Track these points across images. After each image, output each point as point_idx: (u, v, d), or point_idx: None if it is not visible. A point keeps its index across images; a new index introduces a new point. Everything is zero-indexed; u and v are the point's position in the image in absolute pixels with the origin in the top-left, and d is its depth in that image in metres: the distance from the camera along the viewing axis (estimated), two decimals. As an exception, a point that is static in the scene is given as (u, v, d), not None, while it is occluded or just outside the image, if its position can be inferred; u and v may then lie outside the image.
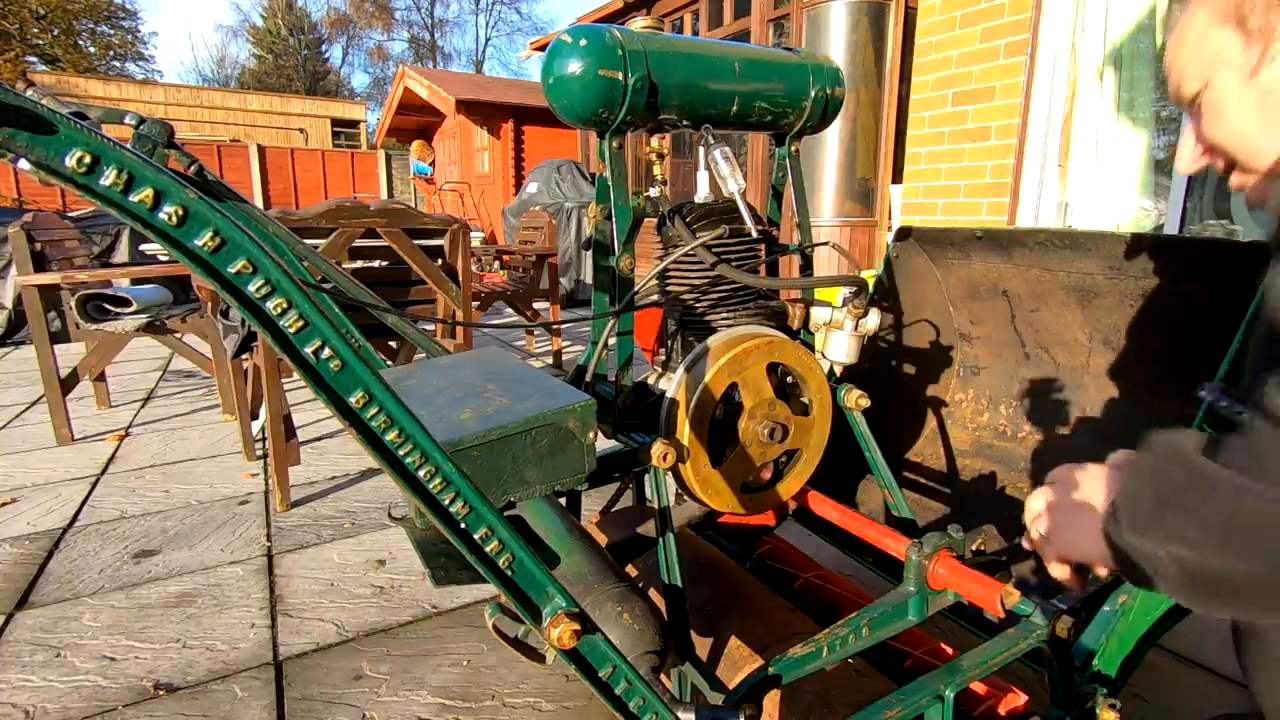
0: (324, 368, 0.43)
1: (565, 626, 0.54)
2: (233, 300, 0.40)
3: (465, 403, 0.84)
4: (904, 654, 1.13)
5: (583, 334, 5.26)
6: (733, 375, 1.00)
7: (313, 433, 3.09)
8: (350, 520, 2.26)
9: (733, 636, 1.06)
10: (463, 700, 1.45)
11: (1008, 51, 3.27)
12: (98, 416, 3.39)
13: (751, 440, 1.04)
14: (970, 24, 3.41)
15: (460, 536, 0.51)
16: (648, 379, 1.10)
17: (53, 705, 1.43)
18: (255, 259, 0.40)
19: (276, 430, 2.25)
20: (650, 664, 0.81)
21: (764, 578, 1.30)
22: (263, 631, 1.68)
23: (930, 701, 0.85)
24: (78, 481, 2.60)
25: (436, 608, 1.77)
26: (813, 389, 1.08)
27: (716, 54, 1.04)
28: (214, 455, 2.87)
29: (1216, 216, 3.00)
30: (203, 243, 0.39)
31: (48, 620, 1.72)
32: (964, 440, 1.52)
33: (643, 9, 7.13)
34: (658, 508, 0.95)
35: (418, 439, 0.47)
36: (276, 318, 0.41)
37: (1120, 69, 3.07)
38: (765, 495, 1.12)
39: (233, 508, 2.37)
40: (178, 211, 0.38)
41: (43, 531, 2.19)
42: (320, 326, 0.42)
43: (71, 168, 0.36)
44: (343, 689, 1.48)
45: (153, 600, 1.81)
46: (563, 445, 0.81)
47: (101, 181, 0.36)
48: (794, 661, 0.83)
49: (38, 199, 10.55)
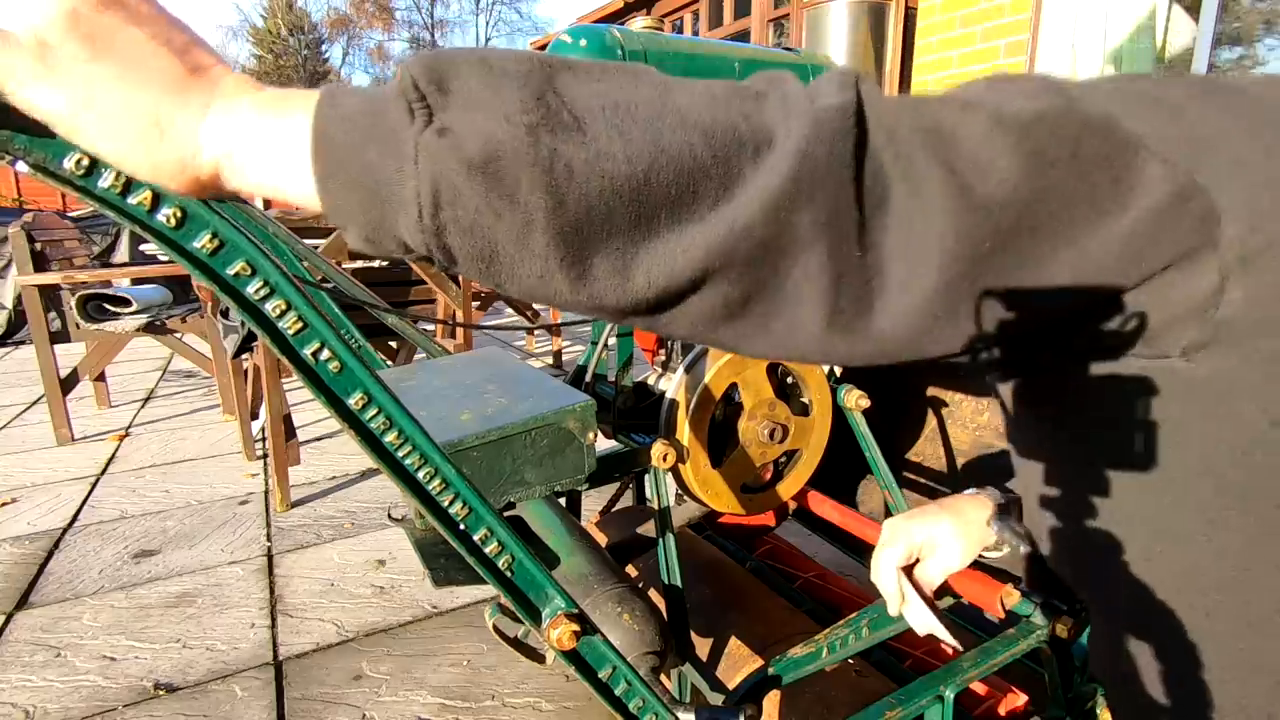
0: (323, 369, 0.43)
1: (565, 627, 0.54)
2: (232, 302, 0.40)
3: (465, 403, 0.84)
4: (904, 654, 1.13)
5: (583, 334, 5.26)
6: (733, 375, 1.00)
7: (313, 433, 3.09)
8: (350, 520, 2.27)
9: (733, 636, 1.06)
10: (463, 700, 1.45)
11: (1008, 51, 3.26)
12: (98, 416, 3.39)
13: (751, 441, 1.04)
14: (970, 24, 3.41)
15: (460, 538, 0.51)
16: (648, 379, 1.10)
17: (53, 705, 1.43)
18: (254, 260, 0.40)
19: (276, 430, 2.25)
20: (650, 664, 0.81)
21: (764, 578, 1.30)
22: (263, 631, 1.68)
23: (930, 702, 0.85)
24: (78, 481, 2.60)
25: (436, 608, 1.77)
26: (813, 389, 1.08)
27: (716, 54, 1.04)
28: (214, 455, 2.87)
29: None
30: (201, 244, 0.39)
31: (48, 620, 1.72)
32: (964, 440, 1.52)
33: (643, 9, 7.13)
34: (658, 508, 0.95)
35: (417, 440, 0.47)
36: (275, 319, 0.41)
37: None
38: (765, 495, 1.12)
39: (233, 508, 2.37)
40: (176, 213, 0.38)
41: (43, 531, 2.19)
42: (319, 328, 0.42)
43: (70, 170, 0.36)
44: (343, 689, 1.48)
45: (153, 600, 1.81)
46: (562, 446, 0.81)
47: (100, 183, 0.36)
48: (794, 661, 0.83)
49: (38, 199, 10.55)
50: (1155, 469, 0.52)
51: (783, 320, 0.42)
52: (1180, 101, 0.45)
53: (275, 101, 0.38)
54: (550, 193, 0.36)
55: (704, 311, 0.41)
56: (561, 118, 0.37)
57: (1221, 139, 0.44)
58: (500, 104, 0.37)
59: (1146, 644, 0.60)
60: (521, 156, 0.36)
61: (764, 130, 0.39)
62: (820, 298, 0.41)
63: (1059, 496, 0.64)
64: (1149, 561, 0.56)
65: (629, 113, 0.38)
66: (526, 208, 0.36)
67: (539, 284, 0.39)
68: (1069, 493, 0.62)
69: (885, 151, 0.40)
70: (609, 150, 0.37)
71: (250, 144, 0.37)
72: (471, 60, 0.38)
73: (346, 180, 0.37)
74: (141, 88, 0.35)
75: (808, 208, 0.39)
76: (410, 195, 0.36)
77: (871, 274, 0.41)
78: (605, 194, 0.37)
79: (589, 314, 0.43)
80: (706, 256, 0.39)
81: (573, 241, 0.37)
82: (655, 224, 0.38)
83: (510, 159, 0.36)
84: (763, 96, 0.41)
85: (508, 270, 0.39)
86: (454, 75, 0.37)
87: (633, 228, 0.38)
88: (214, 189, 0.38)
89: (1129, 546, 0.57)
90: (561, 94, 0.38)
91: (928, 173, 0.40)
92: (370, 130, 0.37)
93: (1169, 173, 0.42)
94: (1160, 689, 0.59)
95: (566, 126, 0.37)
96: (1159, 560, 0.55)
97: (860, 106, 0.40)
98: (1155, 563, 0.56)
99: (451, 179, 0.36)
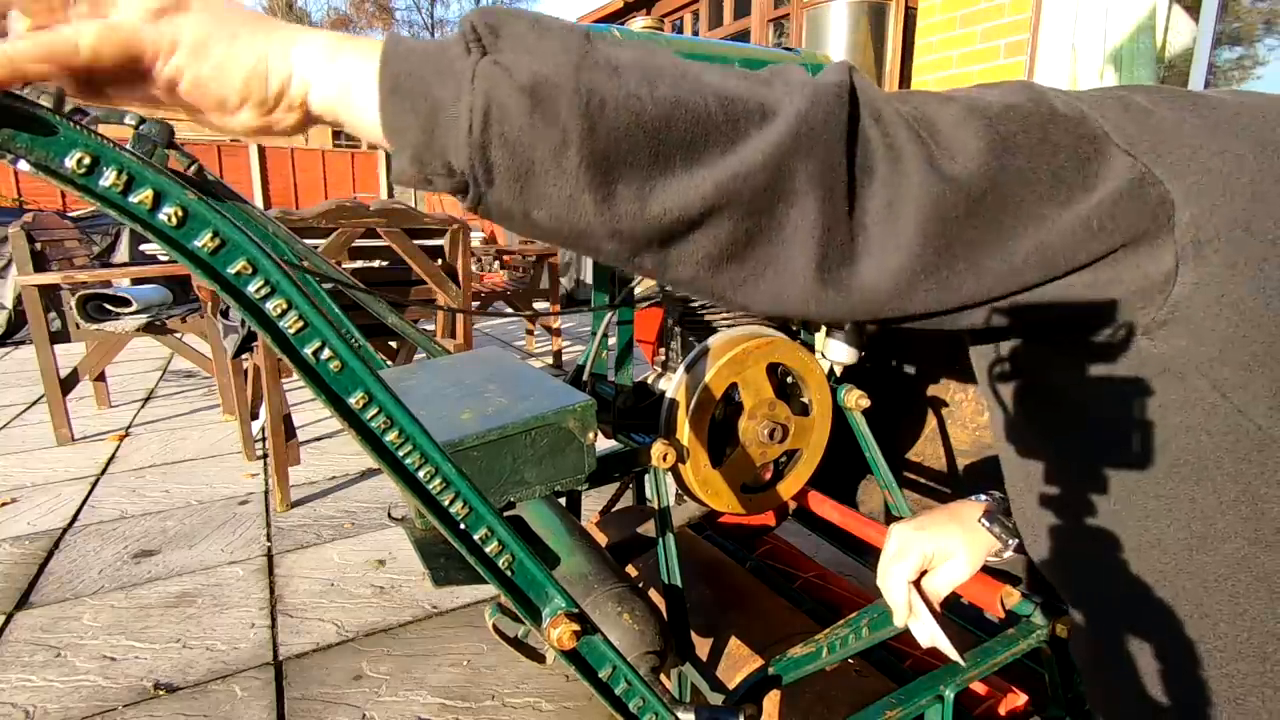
0: (324, 368, 0.43)
1: (565, 627, 0.54)
2: (232, 301, 0.40)
3: (465, 403, 0.84)
4: (904, 654, 1.13)
5: (583, 334, 5.26)
6: (733, 375, 1.00)
7: (313, 433, 3.09)
8: (350, 520, 2.27)
9: (733, 636, 1.06)
10: (463, 700, 1.45)
11: (1008, 51, 3.27)
12: (98, 416, 3.39)
13: (751, 440, 1.04)
14: (970, 24, 3.41)
15: (460, 537, 0.51)
16: (648, 379, 1.10)
17: (53, 705, 1.43)
18: (255, 260, 0.40)
19: (276, 430, 2.25)
20: (650, 664, 0.81)
21: (764, 578, 1.30)
22: (263, 631, 1.68)
23: (930, 701, 0.85)
24: (78, 481, 2.60)
25: (436, 608, 1.77)
26: (813, 389, 1.08)
27: (717, 54, 1.04)
28: (214, 455, 2.87)
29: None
30: (202, 243, 0.39)
31: (48, 620, 1.72)
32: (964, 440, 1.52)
33: (643, 9, 7.13)
34: (658, 508, 0.95)
35: (417, 439, 0.47)
36: (276, 318, 0.41)
37: (1120, 69, 3.07)
38: (765, 495, 1.12)
39: (233, 508, 2.37)
40: (177, 212, 0.38)
41: (43, 531, 2.19)
42: (320, 327, 0.42)
43: (71, 169, 0.36)
44: (343, 689, 1.48)
45: (153, 600, 1.81)
46: (563, 445, 0.81)
47: (101, 182, 0.36)
48: (794, 661, 0.83)
49: (38, 199, 10.54)
50: (1130, 449, 0.55)
51: (776, 267, 0.48)
52: (1147, 105, 0.51)
53: (348, 39, 0.44)
54: (585, 118, 0.41)
55: (708, 249, 0.46)
56: (599, 62, 0.43)
57: (1181, 136, 0.49)
58: (548, 46, 0.42)
59: (1117, 631, 0.61)
60: (563, 85, 0.41)
61: (770, 101, 0.45)
62: (812, 245, 0.46)
63: (1041, 490, 0.65)
64: (1136, 552, 0.57)
65: (656, 70, 0.44)
66: (564, 128, 0.41)
67: (567, 205, 0.43)
68: (1050, 486, 0.64)
69: (873, 128, 0.46)
70: (638, 93, 0.42)
71: (327, 70, 0.43)
72: (523, 15, 0.44)
73: (407, 97, 0.42)
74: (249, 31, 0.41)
75: (805, 162, 0.44)
76: (464, 110, 0.40)
77: (857, 230, 0.47)
78: (631, 128, 0.42)
79: (607, 244, 0.46)
80: (716, 193, 0.44)
81: (601, 164, 0.42)
82: (672, 162, 0.43)
83: (553, 86, 0.41)
84: (769, 80, 0.47)
85: (540, 189, 0.43)
86: (508, 23, 0.43)
87: (652, 162, 0.43)
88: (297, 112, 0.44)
89: (1111, 540, 0.58)
90: (598, 47, 0.44)
91: (907, 148, 0.46)
92: (433, 59, 0.42)
93: (1130, 163, 0.47)
94: (1130, 678, 0.60)
95: (603, 68, 0.42)
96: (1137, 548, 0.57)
97: (853, 88, 0.47)
98: (1135, 551, 0.57)
99: (502, 98, 0.41)
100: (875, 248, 0.47)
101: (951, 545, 0.78)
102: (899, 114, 0.47)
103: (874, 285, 0.48)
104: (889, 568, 0.79)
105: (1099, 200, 0.47)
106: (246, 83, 0.41)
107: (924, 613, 0.76)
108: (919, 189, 0.45)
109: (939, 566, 0.78)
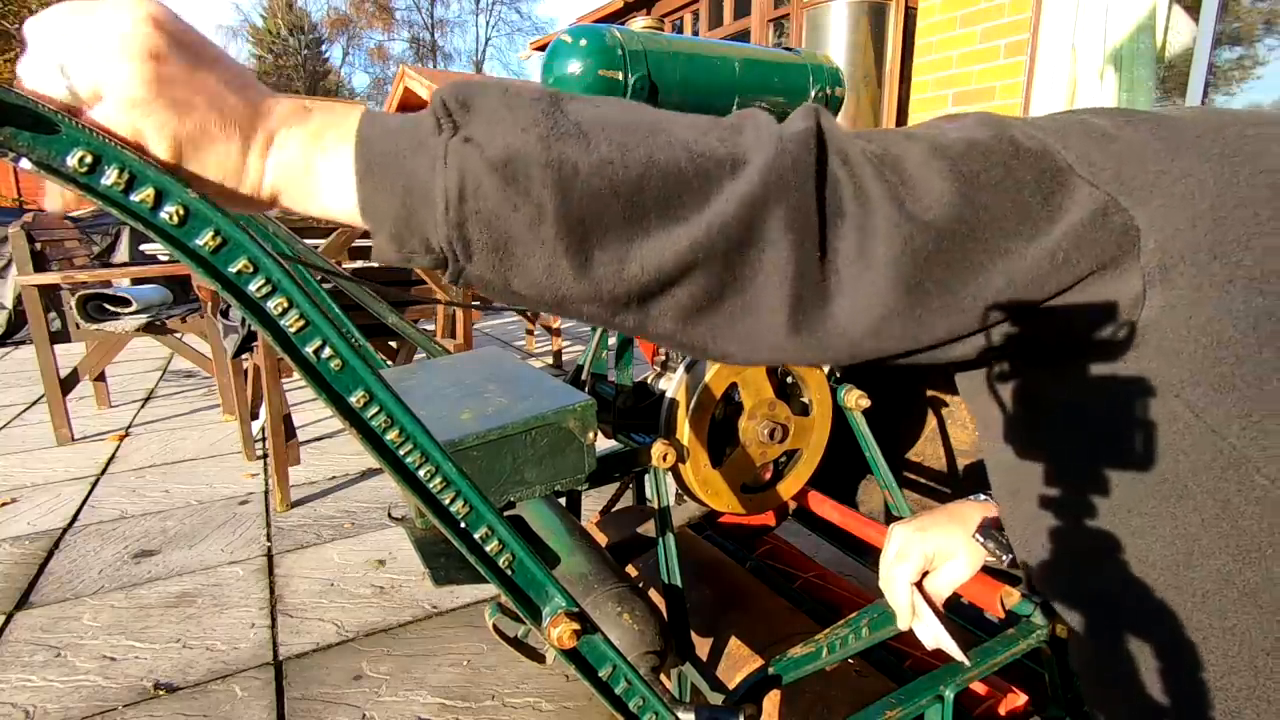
0: (324, 367, 0.43)
1: (565, 626, 0.54)
2: (234, 300, 0.40)
3: (465, 403, 0.84)
4: (904, 654, 1.13)
5: (583, 334, 5.26)
6: (733, 375, 1.00)
7: (313, 433, 3.09)
8: (350, 520, 2.27)
9: (733, 636, 1.06)
10: (463, 700, 1.45)
11: (1008, 51, 3.27)
12: (98, 416, 3.39)
13: (751, 440, 1.04)
14: (970, 24, 3.41)
15: (460, 536, 0.51)
16: (648, 379, 1.10)
17: (53, 705, 1.43)
18: (256, 258, 0.40)
19: (276, 430, 2.25)
20: (650, 664, 0.81)
21: (764, 578, 1.30)
22: (263, 631, 1.68)
23: (930, 702, 0.85)
24: (78, 481, 2.60)
25: (436, 608, 1.77)
26: (813, 389, 1.08)
27: (717, 54, 1.04)
28: (214, 455, 2.87)
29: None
30: (204, 242, 0.39)
31: (48, 620, 1.72)
32: (964, 440, 1.52)
33: (643, 9, 7.13)
34: (658, 508, 0.95)
35: (418, 439, 0.47)
36: (277, 317, 0.41)
37: (1120, 69, 3.07)
38: (765, 495, 1.12)
39: (233, 508, 2.37)
40: (179, 211, 0.38)
41: (43, 531, 2.19)
42: (321, 326, 0.42)
43: (73, 167, 0.36)
44: (343, 689, 1.48)
45: (153, 600, 1.81)
46: (563, 445, 0.81)
47: (103, 181, 0.36)
48: (794, 661, 0.83)
49: (38, 199, 10.54)
50: (1112, 470, 0.56)
51: (752, 315, 0.48)
52: (1110, 129, 0.51)
53: (324, 125, 0.43)
54: (558, 188, 0.41)
55: (685, 303, 0.47)
56: (569, 129, 0.43)
57: (1144, 161, 0.49)
58: (517, 118, 0.42)
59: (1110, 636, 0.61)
60: (534, 158, 0.41)
61: (740, 151, 0.46)
62: (786, 288, 0.46)
63: (1026, 509, 0.66)
64: (1125, 569, 0.58)
65: (626, 130, 0.44)
66: (538, 202, 0.41)
67: (546, 273, 0.44)
68: (1035, 507, 0.65)
69: (840, 170, 0.47)
70: (609, 157, 0.42)
71: (302, 172, 0.43)
72: (491, 86, 0.44)
73: (382, 179, 0.42)
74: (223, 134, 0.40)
75: (775, 210, 0.45)
76: (438, 190, 0.41)
77: (829, 272, 0.47)
78: (604, 193, 0.42)
79: (588, 308, 0.47)
80: (691, 248, 0.44)
81: (576, 232, 0.42)
82: (647, 222, 0.44)
83: (525, 160, 0.41)
84: (738, 128, 0.47)
85: (518, 261, 0.43)
86: (477, 96, 0.43)
87: (627, 224, 0.43)
88: (271, 206, 0.44)
89: (1100, 557, 0.59)
90: (568, 113, 0.44)
91: (875, 189, 0.47)
92: (406, 139, 0.42)
93: (1093, 194, 0.48)
94: (1126, 693, 0.60)
95: (573, 136, 0.42)
96: (1124, 558, 0.57)
97: (820, 133, 0.47)
98: (1124, 568, 0.58)
99: (474, 176, 0.41)
100: (848, 289, 0.47)
101: (952, 545, 0.78)
102: (865, 153, 0.48)
103: (848, 326, 0.48)
104: (891, 570, 0.79)
105: (1063, 232, 0.48)
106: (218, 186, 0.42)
107: (928, 614, 0.76)
108: (888, 229, 0.46)
109: (940, 567, 0.79)
